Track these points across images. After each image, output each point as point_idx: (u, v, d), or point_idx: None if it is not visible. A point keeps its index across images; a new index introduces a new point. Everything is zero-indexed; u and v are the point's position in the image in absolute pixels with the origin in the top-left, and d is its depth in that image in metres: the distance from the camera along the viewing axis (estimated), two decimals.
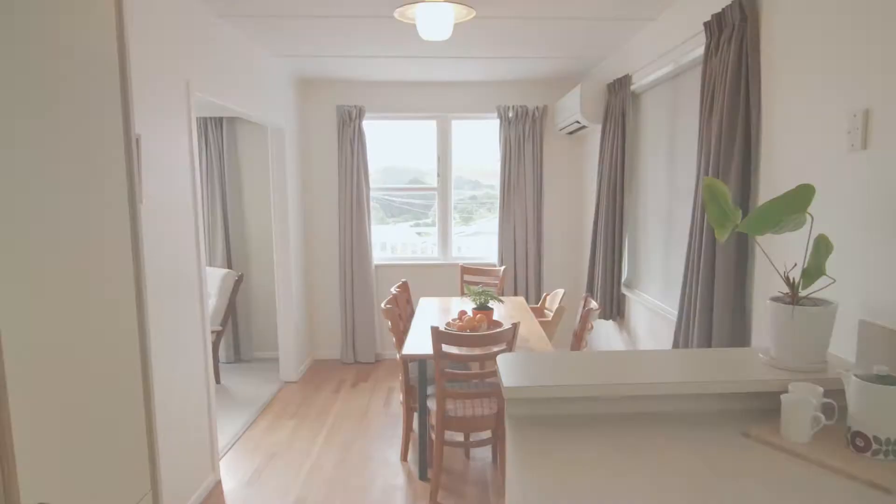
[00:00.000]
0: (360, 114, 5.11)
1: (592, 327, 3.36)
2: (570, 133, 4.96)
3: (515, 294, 5.26)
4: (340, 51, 4.06)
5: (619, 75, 3.94)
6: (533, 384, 1.58)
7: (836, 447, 1.42)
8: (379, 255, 5.53)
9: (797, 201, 1.57)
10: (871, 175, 1.67)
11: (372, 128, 5.35)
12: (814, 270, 1.57)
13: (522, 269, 5.26)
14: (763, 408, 1.66)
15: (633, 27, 3.51)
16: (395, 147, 5.51)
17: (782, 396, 1.48)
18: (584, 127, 4.50)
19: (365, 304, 5.26)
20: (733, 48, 2.31)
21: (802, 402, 1.45)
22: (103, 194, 1.23)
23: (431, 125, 5.38)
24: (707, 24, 2.52)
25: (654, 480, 1.28)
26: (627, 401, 1.64)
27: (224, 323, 4.71)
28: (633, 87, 3.73)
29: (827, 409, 1.57)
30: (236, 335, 5.39)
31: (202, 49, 3.09)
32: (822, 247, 1.55)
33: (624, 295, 4.06)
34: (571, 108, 4.42)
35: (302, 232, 5.16)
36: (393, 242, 5.65)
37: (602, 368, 1.70)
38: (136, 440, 1.31)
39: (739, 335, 2.36)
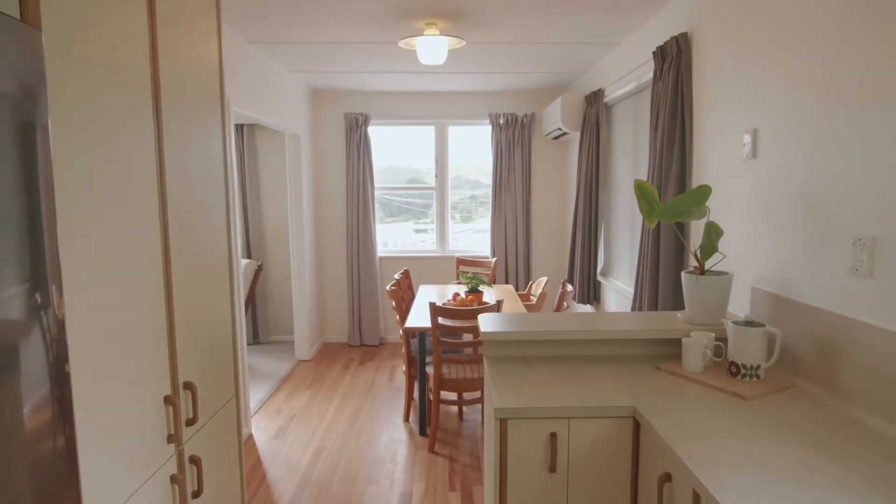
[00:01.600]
0: (366, 120, 5.68)
1: (568, 307, 3.92)
2: (555, 138, 5.52)
3: (506, 282, 5.82)
4: (350, 68, 4.62)
5: (594, 89, 4.51)
6: (500, 331, 2.15)
7: (719, 374, 1.99)
8: (382, 249, 6.09)
9: (698, 197, 2.13)
10: (758, 177, 2.23)
11: (376, 133, 5.92)
12: (708, 248, 2.13)
13: (513, 260, 5.83)
14: (673, 351, 2.23)
15: (603, 49, 4.08)
16: (396, 149, 6.07)
17: (683, 339, 2.04)
18: (565, 133, 5.06)
19: (370, 292, 5.82)
20: (672, 75, 2.87)
21: (695, 343, 2.02)
22: (214, 187, 1.78)
23: (430, 130, 5.94)
24: (654, 53, 3.08)
25: (582, 391, 1.85)
26: (572, 345, 2.21)
27: (246, 308, 5.28)
28: (605, 100, 4.29)
29: (717, 350, 2.14)
30: (255, 320, 5.96)
31: (237, 70, 3.65)
32: (712, 231, 2.11)
33: (599, 282, 4.62)
34: (554, 116, 4.98)
35: (314, 227, 5.72)
36: (394, 241, 6.21)
37: (556, 324, 2.27)
38: (225, 364, 1.86)
39: (679, 304, 2.92)
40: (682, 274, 2.26)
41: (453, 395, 4.03)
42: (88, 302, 1.15)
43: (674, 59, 2.86)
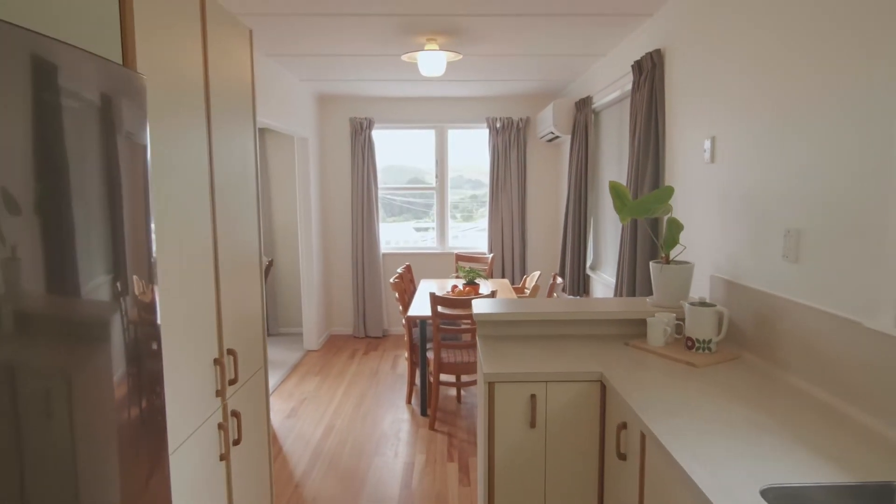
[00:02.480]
0: (370, 124, 6.01)
1: (557, 297, 4.25)
2: (548, 141, 5.86)
3: (503, 277, 6.15)
4: (356, 76, 4.95)
5: (584, 96, 4.84)
6: (491, 312, 2.48)
7: (678, 348, 2.32)
8: (384, 247, 6.43)
9: (661, 196, 2.46)
10: (715, 179, 2.56)
11: (379, 136, 6.25)
12: (670, 240, 2.46)
13: (509, 256, 6.16)
14: (642, 330, 2.56)
15: (591, 60, 4.41)
16: (398, 150, 6.40)
17: (648, 319, 2.37)
18: (557, 136, 5.39)
19: (374, 287, 6.16)
20: (647, 87, 3.20)
21: (658, 322, 2.35)
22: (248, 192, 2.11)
23: (430, 133, 6.28)
24: (633, 67, 3.41)
25: (559, 361, 2.18)
26: (553, 325, 2.54)
27: None
28: (593, 106, 4.62)
29: (678, 328, 2.47)
30: (265, 312, 6.29)
31: (256, 81, 3.97)
32: (673, 225, 2.44)
33: (588, 276, 4.95)
34: (547, 121, 5.31)
35: (321, 225, 6.06)
36: (396, 239, 6.54)
37: (539, 307, 2.60)
38: (256, 340, 2.19)
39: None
40: (650, 263, 2.59)
41: (452, 378, 4.36)
42: (170, 289, 1.48)
43: (649, 73, 3.19)
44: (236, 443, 1.94)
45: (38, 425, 0.93)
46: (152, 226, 1.33)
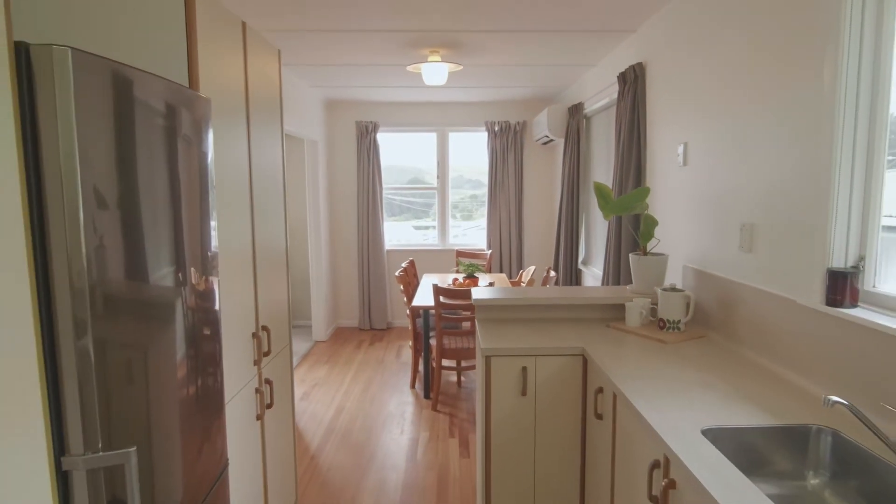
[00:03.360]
0: (375, 128, 6.34)
1: None
2: (544, 144, 6.18)
3: (501, 272, 6.47)
4: (363, 83, 5.27)
5: (576, 102, 5.16)
6: (488, 297, 2.81)
7: (652, 328, 2.64)
8: (388, 243, 6.75)
9: (639, 195, 2.78)
10: (687, 180, 2.89)
11: (382, 138, 6.57)
12: (646, 234, 2.79)
13: (507, 252, 6.48)
14: (622, 314, 2.88)
15: (582, 69, 4.73)
16: (399, 151, 6.73)
17: (626, 304, 2.69)
18: (552, 140, 5.71)
19: (379, 282, 6.48)
20: (630, 96, 3.52)
21: (635, 306, 2.67)
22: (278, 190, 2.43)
23: (432, 136, 6.60)
24: (618, 77, 3.73)
25: (547, 339, 2.51)
26: (542, 309, 2.86)
27: None
28: (585, 112, 4.94)
29: (652, 311, 2.80)
30: (290, 297, 6.61)
31: None
32: (649, 221, 2.77)
33: (581, 270, 5.28)
34: (542, 125, 5.64)
35: (328, 223, 6.38)
36: (397, 238, 6.86)
37: (531, 293, 2.93)
38: (284, 321, 2.51)
39: None
40: (630, 255, 2.91)
41: (453, 364, 4.68)
42: (225, 275, 1.80)
43: (632, 84, 3.52)
44: (269, 406, 2.26)
45: (129, 379, 1.25)
46: (212, 223, 1.66)
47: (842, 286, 1.76)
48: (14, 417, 0.93)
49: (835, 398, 1.37)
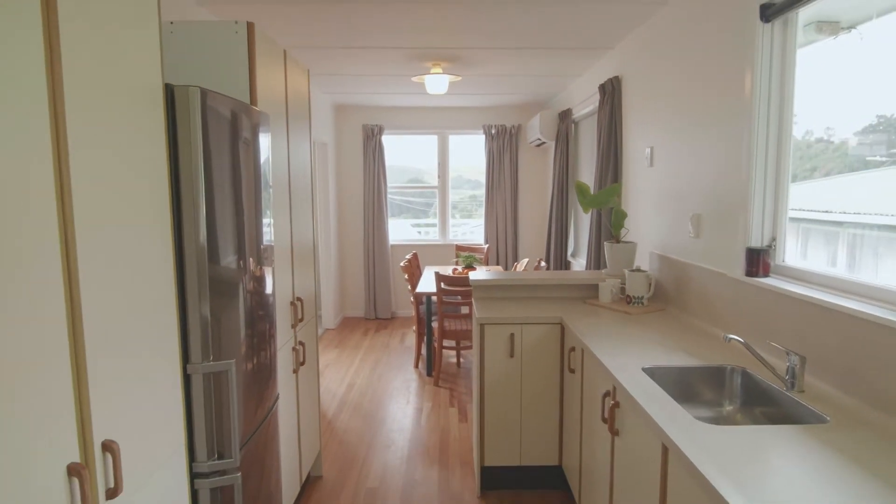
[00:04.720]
0: (381, 131, 6.83)
1: None
2: (537, 146, 6.67)
3: (497, 264, 6.97)
4: (370, 90, 5.77)
5: (565, 108, 5.65)
6: (483, 278, 3.30)
7: (621, 303, 3.13)
8: (391, 238, 7.24)
9: (611, 192, 3.28)
10: (653, 178, 3.38)
11: (386, 140, 7.06)
12: (617, 225, 3.28)
13: (503, 247, 6.98)
14: (596, 293, 3.37)
15: (569, 79, 5.22)
16: (400, 152, 7.22)
17: (599, 283, 3.18)
18: (544, 142, 6.20)
19: (384, 274, 6.97)
20: (609, 105, 4.02)
21: (607, 285, 3.16)
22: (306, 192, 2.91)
23: (432, 138, 7.09)
24: (599, 88, 4.22)
25: (532, 312, 3.00)
26: (529, 288, 3.35)
27: None
28: (573, 118, 5.43)
29: (622, 290, 3.29)
30: (317, 277, 7.10)
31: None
32: (619, 213, 3.26)
33: (570, 262, 5.76)
34: (535, 129, 6.13)
35: (337, 220, 6.87)
36: (399, 236, 7.34)
37: (519, 276, 3.42)
38: (312, 296, 2.99)
39: None
40: (605, 243, 3.40)
41: (453, 344, 5.17)
42: (277, 267, 2.29)
43: (610, 94, 4.01)
44: (302, 363, 2.75)
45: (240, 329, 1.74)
46: (266, 220, 2.15)
47: (757, 261, 2.25)
48: (163, 340, 1.42)
49: (732, 336, 1.86)
